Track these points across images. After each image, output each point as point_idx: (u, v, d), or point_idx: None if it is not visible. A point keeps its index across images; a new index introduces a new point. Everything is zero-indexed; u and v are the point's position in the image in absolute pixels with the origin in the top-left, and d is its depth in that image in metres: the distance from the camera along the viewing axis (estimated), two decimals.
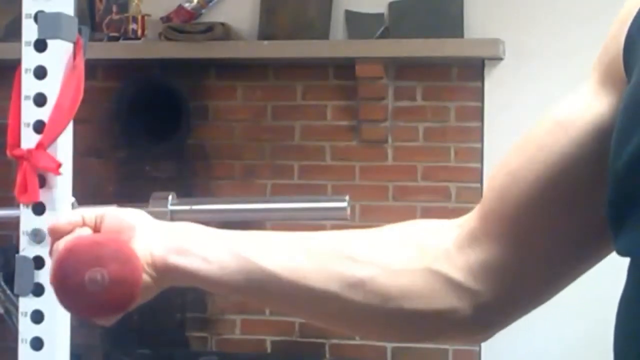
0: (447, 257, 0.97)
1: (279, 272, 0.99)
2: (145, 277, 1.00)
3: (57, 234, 1.03)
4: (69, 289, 0.96)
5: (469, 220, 0.99)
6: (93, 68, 1.53)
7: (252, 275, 0.99)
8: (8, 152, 1.56)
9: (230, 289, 1.01)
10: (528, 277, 0.96)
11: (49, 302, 1.55)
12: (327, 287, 0.98)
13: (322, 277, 0.98)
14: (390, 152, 4.14)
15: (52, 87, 1.53)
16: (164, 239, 1.01)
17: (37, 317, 1.54)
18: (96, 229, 1.02)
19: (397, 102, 4.14)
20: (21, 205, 1.56)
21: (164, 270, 1.00)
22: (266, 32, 4.20)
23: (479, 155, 4.06)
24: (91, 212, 1.03)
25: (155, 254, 1.00)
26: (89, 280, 0.95)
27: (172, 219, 1.67)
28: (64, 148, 1.56)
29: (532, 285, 0.96)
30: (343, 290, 0.97)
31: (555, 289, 0.97)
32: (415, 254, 0.98)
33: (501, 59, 4.02)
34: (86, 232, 1.01)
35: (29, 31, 1.54)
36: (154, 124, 4.30)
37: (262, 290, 1.00)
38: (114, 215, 1.03)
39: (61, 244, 1.00)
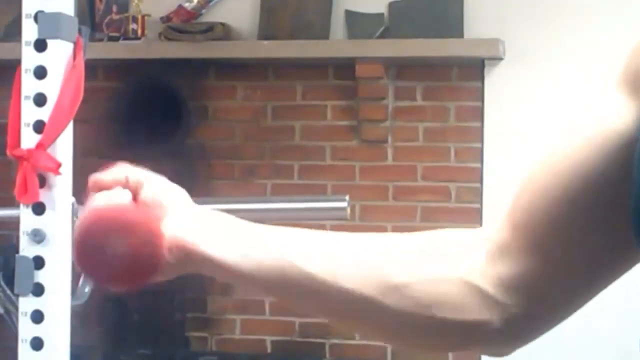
0: (478, 269, 0.97)
1: (313, 271, 0.99)
2: (168, 258, 0.99)
3: (97, 187, 1.03)
4: (87, 250, 0.97)
5: (498, 233, 0.98)
6: (93, 68, 1.53)
7: (287, 273, 0.99)
8: (8, 152, 1.56)
9: (263, 286, 1.01)
10: (558, 290, 0.96)
11: (49, 302, 1.54)
12: (361, 290, 0.98)
13: (357, 279, 0.98)
14: (390, 152, 4.15)
15: (52, 87, 1.53)
16: (199, 226, 1.00)
17: (37, 317, 1.54)
18: (134, 195, 1.02)
19: (397, 102, 4.14)
20: (21, 205, 1.56)
21: (192, 258, 1.00)
22: (266, 32, 4.20)
23: (479, 155, 4.06)
24: (135, 175, 1.02)
25: (187, 242, 0.99)
26: (107, 247, 0.96)
27: None
28: (64, 148, 1.55)
29: (563, 297, 0.96)
30: (376, 294, 0.97)
31: (585, 300, 0.97)
32: (449, 264, 0.98)
33: (501, 59, 4.02)
34: (124, 195, 1.01)
35: (29, 31, 1.54)
36: (154, 124, 4.30)
37: (294, 289, 1.00)
38: (154, 188, 1.02)
39: (97, 200, 1.00)
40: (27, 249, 1.55)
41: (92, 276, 1.01)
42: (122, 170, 1.03)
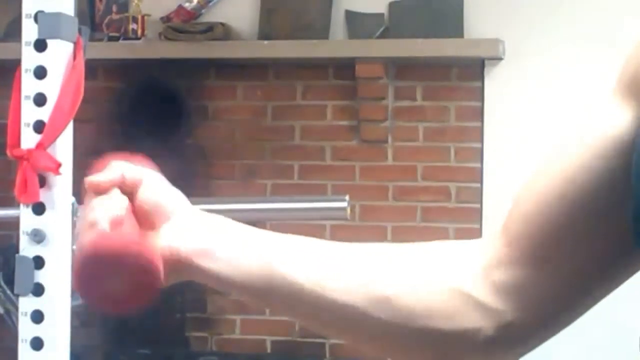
0: (472, 278, 0.96)
1: (302, 281, 0.98)
2: (163, 268, 1.00)
3: (93, 190, 1.03)
4: (87, 282, 1.00)
5: (494, 241, 0.98)
6: (93, 68, 1.52)
7: (275, 282, 0.99)
8: (8, 152, 1.56)
9: (251, 294, 1.01)
10: (556, 296, 0.95)
11: (49, 302, 1.55)
12: (350, 302, 0.97)
13: (346, 291, 0.97)
14: (390, 152, 4.14)
15: (52, 87, 1.53)
16: (193, 236, 1.01)
17: (37, 317, 1.54)
18: (131, 196, 1.02)
19: (397, 102, 4.14)
20: (21, 205, 1.56)
21: (187, 268, 1.01)
22: (266, 32, 4.20)
23: (479, 155, 4.06)
24: (132, 173, 1.03)
25: (181, 253, 1.00)
26: (107, 283, 0.99)
27: None
28: (64, 148, 1.55)
29: (560, 304, 0.96)
30: (367, 306, 0.97)
31: (584, 308, 0.96)
32: (440, 273, 0.98)
33: (501, 59, 4.02)
34: (121, 201, 1.01)
35: (29, 31, 1.54)
36: (154, 124, 4.30)
37: (283, 299, 1.00)
38: (151, 189, 1.02)
39: (93, 210, 1.00)
40: (27, 249, 1.55)
41: (92, 303, 1.04)
42: (118, 169, 1.04)
